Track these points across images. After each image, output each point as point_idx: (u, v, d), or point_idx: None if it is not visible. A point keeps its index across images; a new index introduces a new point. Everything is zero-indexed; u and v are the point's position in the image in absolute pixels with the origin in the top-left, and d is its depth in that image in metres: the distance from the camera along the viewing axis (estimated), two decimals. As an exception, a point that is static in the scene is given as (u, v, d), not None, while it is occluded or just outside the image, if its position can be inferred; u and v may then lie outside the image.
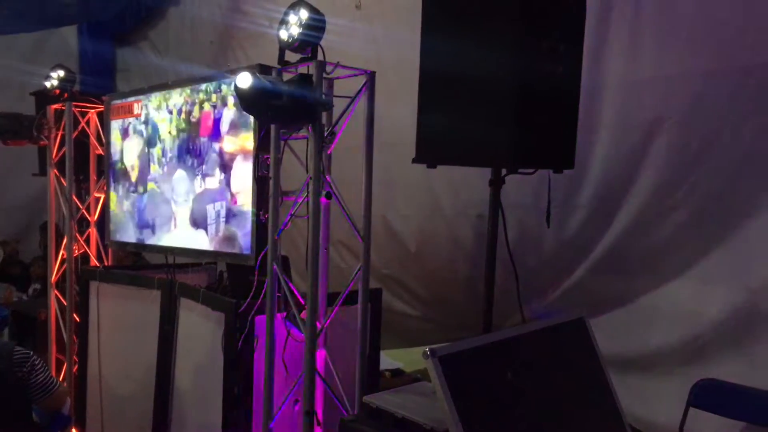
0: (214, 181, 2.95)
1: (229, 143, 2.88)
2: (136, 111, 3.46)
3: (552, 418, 1.87)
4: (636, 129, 3.11)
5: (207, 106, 2.99)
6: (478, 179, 3.62)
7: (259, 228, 2.74)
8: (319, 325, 2.52)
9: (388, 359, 3.38)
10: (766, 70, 2.70)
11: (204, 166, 3.01)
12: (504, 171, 2.28)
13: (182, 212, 3.17)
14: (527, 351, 1.91)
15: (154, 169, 3.35)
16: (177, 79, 3.28)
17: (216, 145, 2.95)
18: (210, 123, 2.97)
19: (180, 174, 3.16)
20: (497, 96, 2.06)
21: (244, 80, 2.17)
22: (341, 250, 4.25)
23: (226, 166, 2.90)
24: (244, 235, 2.82)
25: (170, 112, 3.22)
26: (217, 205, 2.93)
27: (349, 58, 2.50)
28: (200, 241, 3.07)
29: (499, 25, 2.07)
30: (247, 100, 2.25)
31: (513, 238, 2.45)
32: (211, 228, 2.98)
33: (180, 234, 3.20)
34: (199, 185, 3.05)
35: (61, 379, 3.83)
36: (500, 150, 2.09)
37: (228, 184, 2.89)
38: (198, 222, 3.06)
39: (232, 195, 2.87)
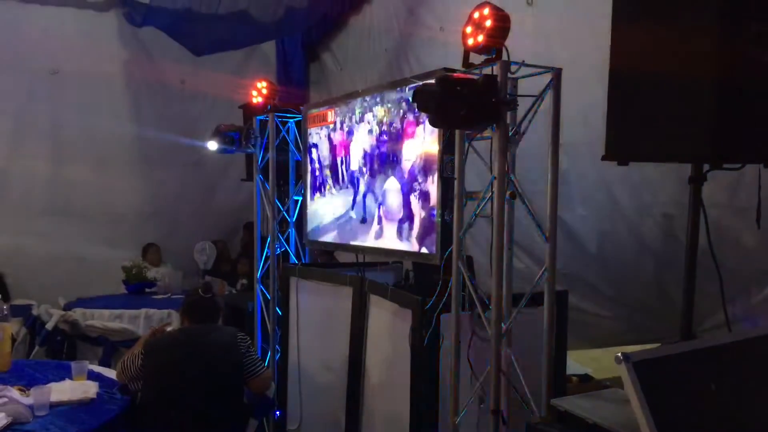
0: (421, 186, 2.99)
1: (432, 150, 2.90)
2: (330, 119, 3.67)
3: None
4: None
5: (410, 116, 3.03)
6: (659, 177, 3.42)
7: (444, 228, 2.81)
8: (504, 326, 2.53)
9: (576, 364, 3.28)
10: None
11: (408, 174, 3.06)
12: (706, 167, 2.10)
13: (382, 216, 3.27)
14: (735, 362, 1.75)
15: (355, 176, 3.49)
16: (366, 87, 3.42)
17: (418, 154, 2.99)
18: (412, 132, 3.03)
19: (388, 183, 3.22)
20: (696, 86, 1.90)
21: None
22: (516, 250, 4.21)
23: (429, 173, 2.93)
24: (430, 236, 2.90)
25: (369, 122, 3.32)
26: (423, 210, 2.97)
27: (518, 55, 2.46)
28: (396, 242, 3.16)
29: (697, 8, 1.93)
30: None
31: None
32: (414, 232, 3.04)
33: (379, 238, 3.30)
34: (402, 190, 3.11)
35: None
36: (701, 144, 1.93)
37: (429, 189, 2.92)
38: (400, 227, 3.13)
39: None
